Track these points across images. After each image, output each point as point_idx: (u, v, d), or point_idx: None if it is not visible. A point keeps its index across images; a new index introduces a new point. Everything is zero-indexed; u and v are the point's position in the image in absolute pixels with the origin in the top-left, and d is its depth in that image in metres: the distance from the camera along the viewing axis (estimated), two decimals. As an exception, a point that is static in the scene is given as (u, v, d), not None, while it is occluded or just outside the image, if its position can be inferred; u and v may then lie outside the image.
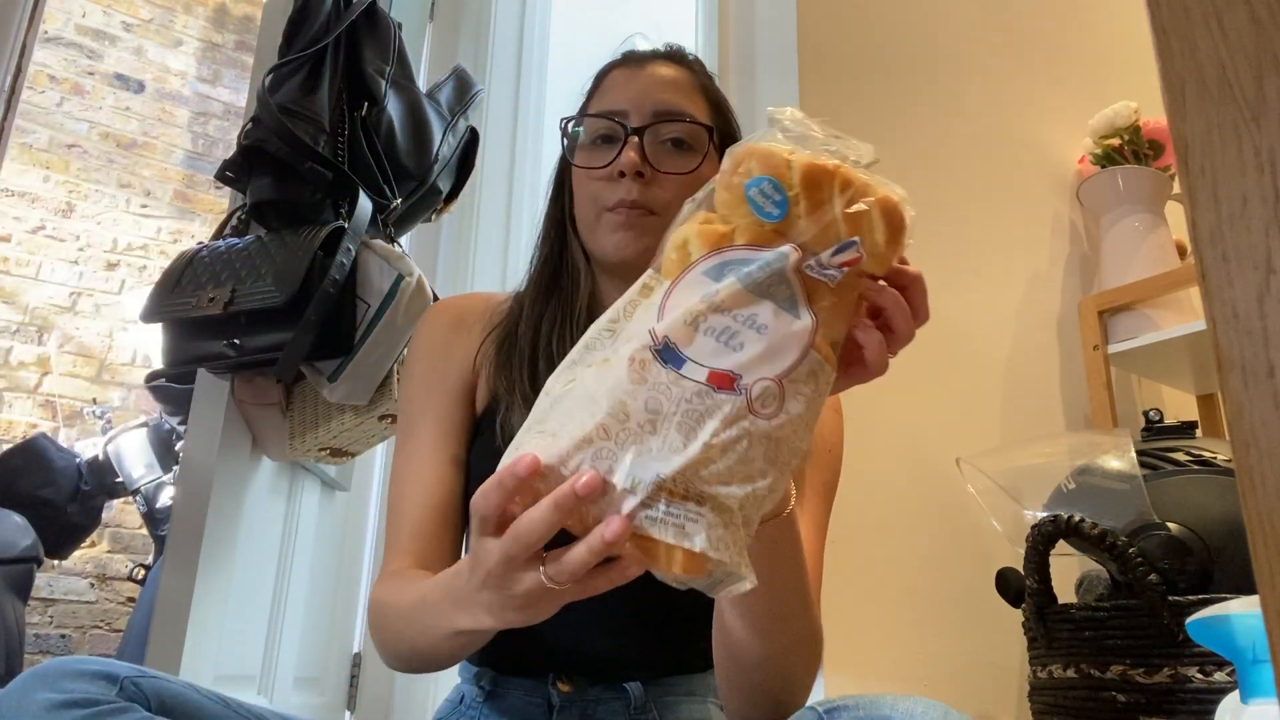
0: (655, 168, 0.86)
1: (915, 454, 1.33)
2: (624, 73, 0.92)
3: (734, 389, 0.48)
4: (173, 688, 0.69)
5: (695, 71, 0.94)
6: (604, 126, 0.89)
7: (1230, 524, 1.04)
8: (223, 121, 3.98)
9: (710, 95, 0.93)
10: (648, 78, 0.90)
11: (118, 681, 0.65)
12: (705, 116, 0.90)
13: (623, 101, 0.89)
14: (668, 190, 0.85)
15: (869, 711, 0.65)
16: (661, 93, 0.89)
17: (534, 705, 0.84)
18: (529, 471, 0.49)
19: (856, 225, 0.52)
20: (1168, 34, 0.37)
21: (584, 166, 0.89)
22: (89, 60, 3.75)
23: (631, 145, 0.86)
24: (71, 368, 3.49)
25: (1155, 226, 1.63)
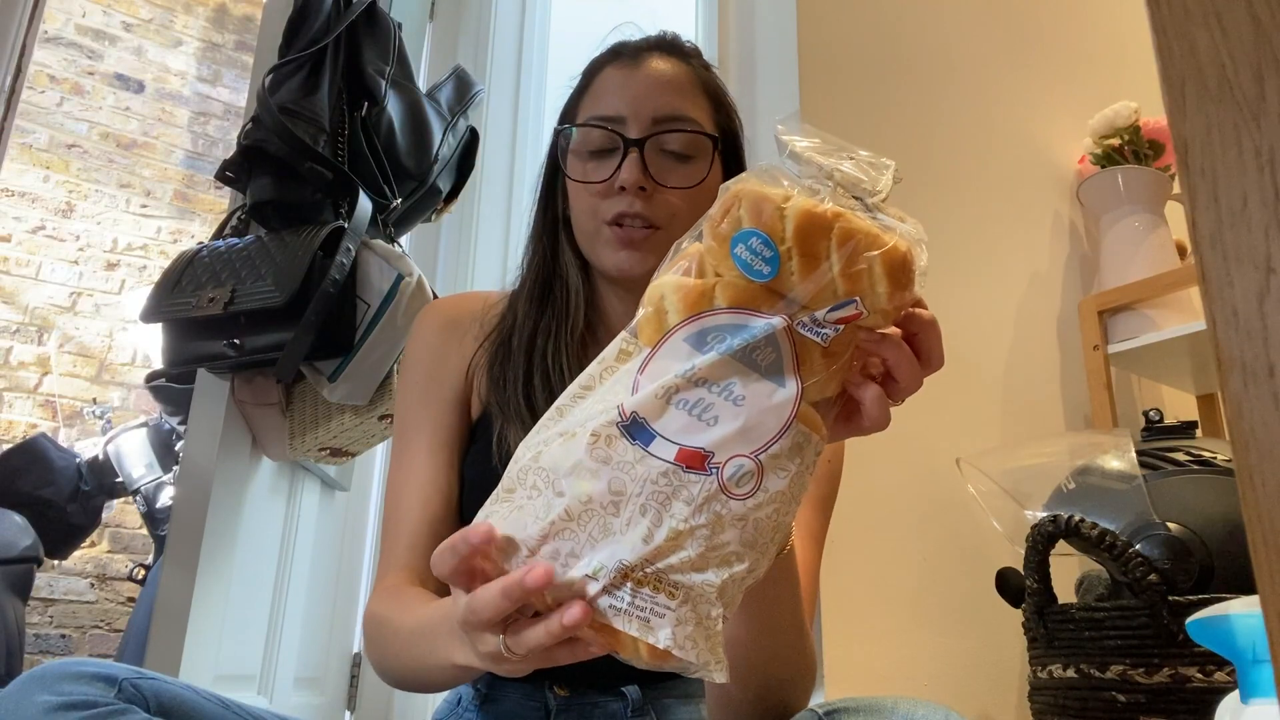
0: (658, 182, 0.82)
1: (915, 454, 1.33)
2: (618, 72, 0.87)
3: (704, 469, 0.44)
4: (171, 689, 0.69)
5: (694, 64, 0.89)
6: (601, 137, 0.84)
7: (1230, 524, 1.03)
8: (223, 121, 3.97)
9: (711, 91, 0.88)
10: (644, 79, 0.85)
11: (116, 683, 0.65)
12: (708, 117, 0.86)
13: (619, 107, 0.84)
14: (672, 203, 0.82)
15: (869, 713, 0.65)
16: (660, 96, 0.84)
17: (531, 708, 0.84)
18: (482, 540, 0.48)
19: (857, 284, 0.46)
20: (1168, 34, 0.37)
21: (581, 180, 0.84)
22: (89, 60, 3.74)
23: (632, 159, 0.81)
24: (71, 368, 3.49)
25: (1155, 226, 1.63)
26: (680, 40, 0.91)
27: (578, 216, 0.86)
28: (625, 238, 0.82)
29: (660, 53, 0.88)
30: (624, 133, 0.83)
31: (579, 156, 0.85)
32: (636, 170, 0.81)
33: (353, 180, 1.29)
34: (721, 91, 0.90)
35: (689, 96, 0.85)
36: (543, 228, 0.91)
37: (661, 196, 0.82)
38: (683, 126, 0.83)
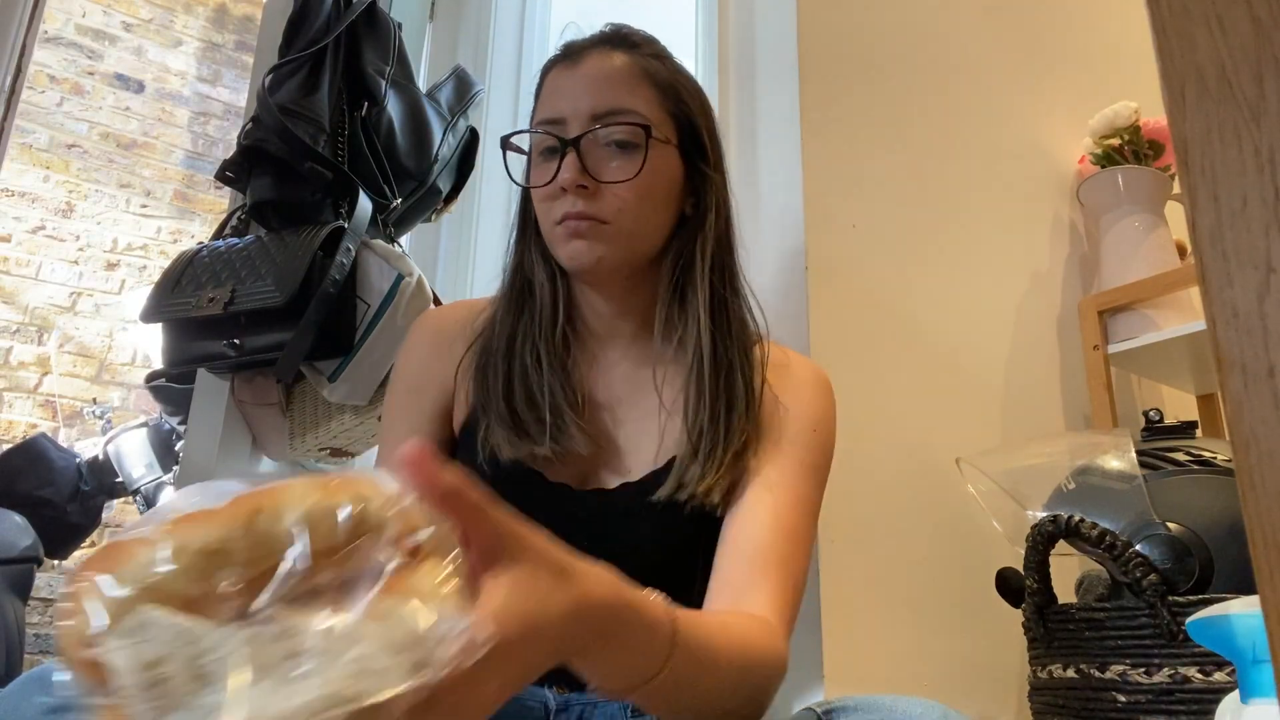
0: (596, 178, 0.82)
1: (915, 454, 1.33)
2: (561, 72, 0.87)
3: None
4: None
5: (638, 55, 0.88)
6: (544, 140, 0.85)
7: (1230, 524, 1.03)
8: (223, 121, 3.97)
9: (659, 79, 0.87)
10: (583, 76, 0.85)
11: None
12: (650, 105, 0.85)
13: (560, 107, 0.85)
14: (617, 196, 0.83)
15: (868, 712, 0.65)
16: (598, 92, 0.84)
17: (531, 708, 0.84)
18: None
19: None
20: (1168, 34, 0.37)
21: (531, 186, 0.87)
22: (89, 60, 3.74)
23: (569, 159, 0.82)
24: (71, 368, 3.49)
25: (1155, 226, 1.63)
26: (625, 31, 0.91)
27: (539, 219, 0.88)
28: (573, 232, 0.83)
29: (603, 48, 0.88)
30: (562, 134, 0.84)
31: (533, 161, 0.88)
32: (572, 169, 0.82)
33: (353, 180, 1.29)
34: (673, 78, 0.89)
35: (629, 88, 0.85)
36: (519, 232, 0.93)
37: (606, 191, 0.83)
38: (616, 119, 0.83)
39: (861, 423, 1.27)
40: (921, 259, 1.43)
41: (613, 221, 0.83)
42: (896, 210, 1.42)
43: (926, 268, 1.43)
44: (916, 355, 1.37)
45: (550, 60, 0.91)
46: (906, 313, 1.38)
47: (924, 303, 1.40)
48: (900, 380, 1.34)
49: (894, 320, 1.36)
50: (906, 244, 1.41)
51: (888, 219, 1.40)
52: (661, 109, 0.86)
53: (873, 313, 1.33)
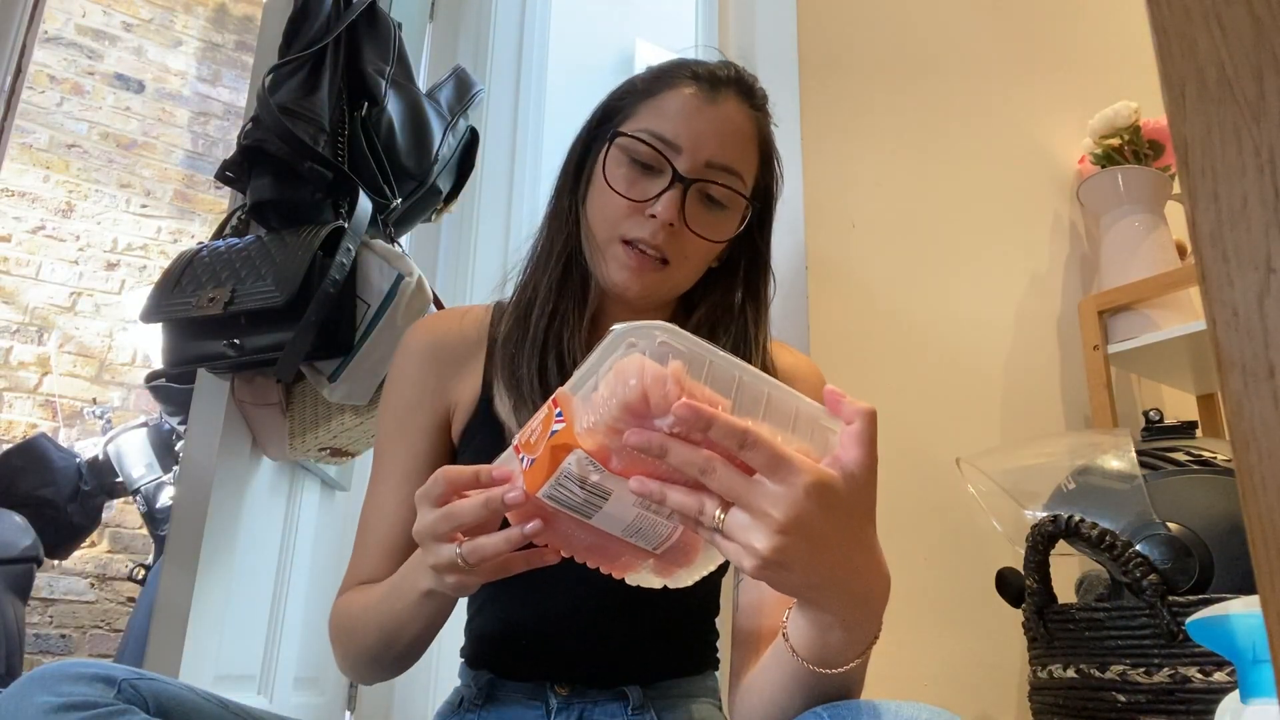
0: (688, 224, 0.82)
1: (915, 454, 1.33)
2: (694, 100, 0.84)
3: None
4: (171, 689, 0.70)
5: (759, 116, 0.88)
6: (650, 155, 0.83)
7: (1230, 524, 1.03)
8: (223, 121, 3.98)
9: (764, 146, 0.89)
10: (714, 118, 0.83)
11: (116, 684, 0.65)
12: (753, 174, 0.87)
13: (681, 136, 0.82)
14: (689, 245, 0.84)
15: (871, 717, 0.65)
16: (724, 143, 0.83)
17: (532, 708, 0.84)
18: (495, 480, 0.60)
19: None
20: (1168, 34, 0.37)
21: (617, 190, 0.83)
22: (89, 60, 3.75)
23: (673, 194, 0.81)
24: (71, 368, 3.49)
25: (1155, 226, 1.63)
26: (756, 85, 0.90)
27: (594, 216, 0.86)
28: (637, 263, 0.83)
29: (740, 97, 0.86)
30: (676, 163, 0.82)
31: (617, 161, 0.85)
32: (674, 207, 0.81)
33: (353, 180, 1.29)
34: (772, 147, 0.91)
35: (746, 149, 0.86)
36: (567, 210, 0.90)
37: (684, 236, 0.83)
38: (730, 182, 0.84)
39: (861, 423, 1.27)
40: (921, 259, 1.43)
41: (674, 264, 0.84)
42: (896, 210, 1.42)
43: (926, 267, 1.43)
44: (916, 355, 1.37)
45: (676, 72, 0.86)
46: (906, 312, 1.38)
47: (924, 302, 1.40)
48: (900, 380, 1.34)
49: (894, 320, 1.36)
50: (906, 244, 1.41)
51: (888, 219, 1.40)
52: (756, 175, 0.88)
53: (872, 312, 1.33)
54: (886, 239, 1.38)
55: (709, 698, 0.90)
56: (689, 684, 0.88)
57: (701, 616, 0.92)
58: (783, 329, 1.26)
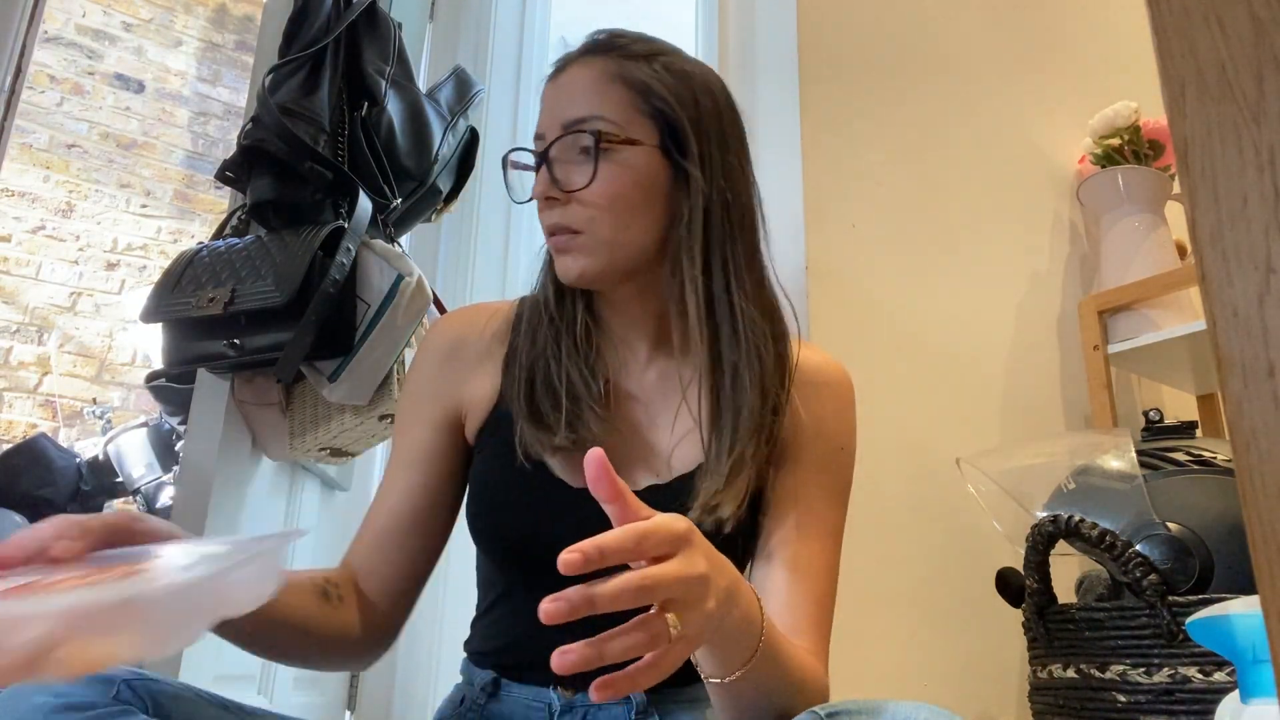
0: (563, 189, 0.82)
1: (915, 454, 1.33)
2: (546, 87, 0.87)
3: None
4: (170, 689, 0.69)
5: (615, 55, 0.85)
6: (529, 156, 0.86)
7: (1230, 524, 1.03)
8: (223, 121, 3.98)
9: (630, 78, 0.84)
10: (559, 89, 0.85)
11: (114, 684, 0.65)
12: (620, 107, 0.83)
13: (541, 122, 0.85)
14: (585, 205, 0.82)
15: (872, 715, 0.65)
16: (569, 102, 0.83)
17: (535, 709, 0.84)
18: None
19: None
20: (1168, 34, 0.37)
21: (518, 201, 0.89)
22: (89, 60, 3.75)
23: (540, 174, 0.83)
24: (71, 368, 3.49)
25: (1155, 226, 1.63)
26: (610, 35, 0.88)
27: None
28: (556, 246, 0.84)
29: (585, 57, 0.86)
30: (540, 147, 0.84)
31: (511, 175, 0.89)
32: (542, 183, 0.83)
33: (353, 180, 1.29)
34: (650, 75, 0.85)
35: (597, 93, 0.83)
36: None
37: (573, 201, 0.82)
38: (576, 128, 0.82)
39: (861, 423, 1.27)
40: (921, 259, 1.43)
41: (585, 231, 0.82)
42: (896, 210, 1.42)
43: (926, 267, 1.43)
44: (916, 355, 1.37)
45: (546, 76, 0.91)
46: (906, 312, 1.38)
47: (924, 302, 1.40)
48: (900, 380, 1.34)
49: (894, 320, 1.36)
50: (906, 244, 1.41)
51: (888, 219, 1.40)
52: (634, 109, 0.83)
53: (872, 312, 1.33)
54: (886, 239, 1.38)
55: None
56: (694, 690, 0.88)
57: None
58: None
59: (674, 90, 0.84)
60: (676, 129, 0.84)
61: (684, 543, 0.55)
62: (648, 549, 0.53)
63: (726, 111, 0.88)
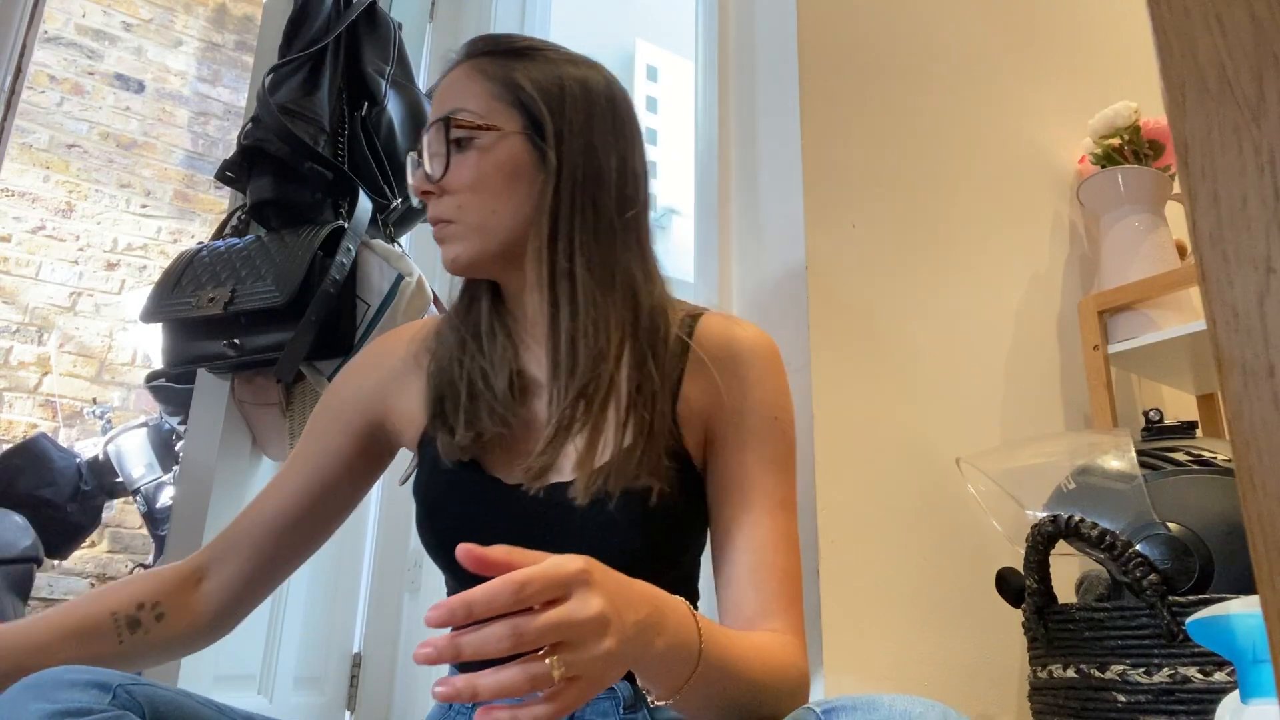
0: (432, 180, 0.87)
1: (915, 454, 1.33)
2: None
3: None
4: (166, 694, 0.70)
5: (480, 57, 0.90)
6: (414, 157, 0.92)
7: (1230, 524, 1.03)
8: (223, 121, 3.98)
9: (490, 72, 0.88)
10: (438, 94, 0.91)
11: (110, 689, 0.65)
12: (482, 99, 0.87)
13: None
14: (454, 196, 0.86)
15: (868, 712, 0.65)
16: (440, 103, 0.89)
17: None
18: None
19: None
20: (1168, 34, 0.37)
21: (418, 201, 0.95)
22: (89, 60, 3.75)
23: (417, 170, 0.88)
24: (71, 368, 3.49)
25: (1155, 226, 1.63)
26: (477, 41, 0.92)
27: None
28: (436, 237, 0.88)
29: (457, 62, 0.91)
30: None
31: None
32: (418, 178, 0.88)
33: (353, 180, 1.29)
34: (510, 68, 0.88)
35: (460, 90, 0.88)
36: None
37: (445, 192, 0.87)
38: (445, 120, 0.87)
39: (861, 422, 1.27)
40: (921, 259, 1.43)
41: (457, 219, 0.86)
42: (896, 210, 1.42)
43: (926, 267, 1.43)
44: (916, 354, 1.37)
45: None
46: (906, 312, 1.38)
47: (924, 302, 1.40)
48: (900, 380, 1.34)
49: (894, 320, 1.36)
50: (906, 244, 1.41)
51: (888, 219, 1.40)
52: (496, 100, 0.87)
53: (872, 312, 1.33)
54: (887, 239, 1.39)
55: None
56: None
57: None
58: (783, 329, 1.26)
59: (536, 80, 0.88)
60: (536, 114, 0.87)
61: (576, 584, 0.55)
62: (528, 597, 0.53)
63: (598, 99, 0.90)
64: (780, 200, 1.32)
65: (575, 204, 0.86)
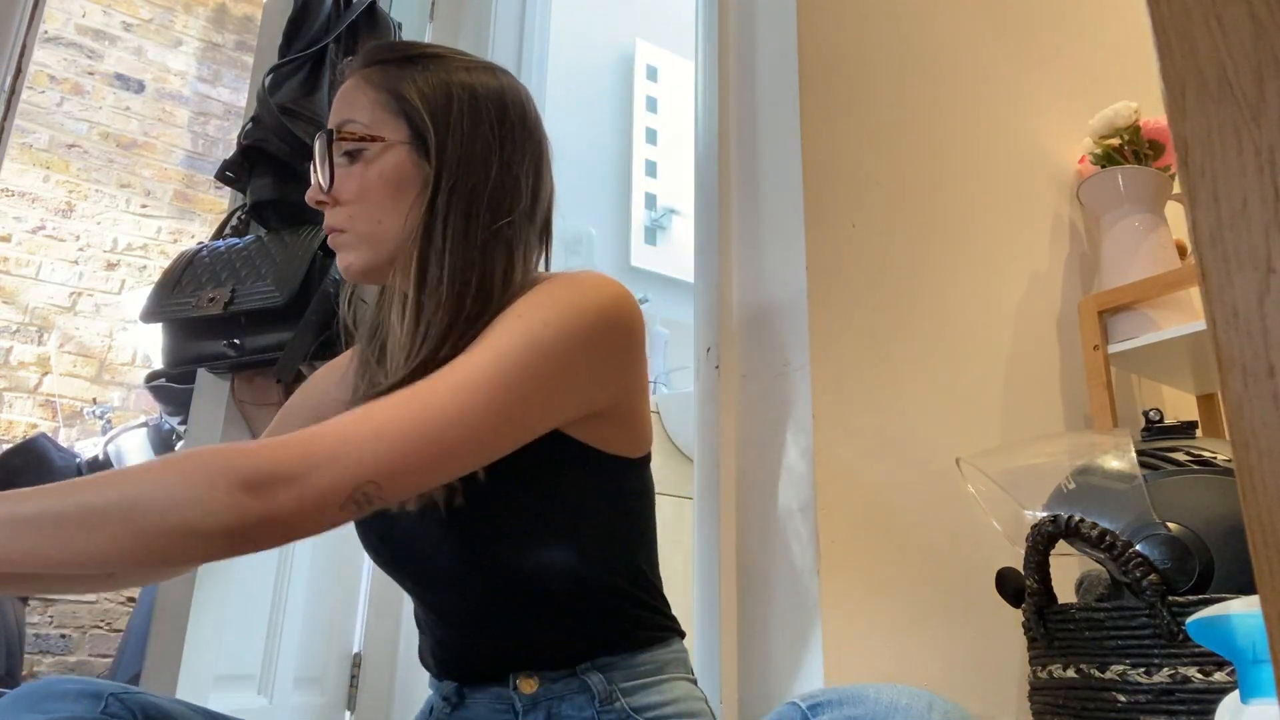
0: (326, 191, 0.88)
1: (915, 454, 1.33)
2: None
3: None
4: (158, 703, 0.70)
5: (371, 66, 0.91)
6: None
7: (1230, 524, 1.03)
8: (223, 121, 3.97)
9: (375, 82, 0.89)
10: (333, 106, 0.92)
11: (103, 699, 0.65)
12: (369, 110, 0.88)
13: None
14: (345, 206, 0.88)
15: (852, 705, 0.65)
16: (332, 115, 0.91)
17: (499, 711, 0.84)
18: None
19: None
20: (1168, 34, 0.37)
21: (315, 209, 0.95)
22: (89, 60, 3.74)
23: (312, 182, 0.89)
24: (71, 368, 3.49)
25: (1155, 226, 1.63)
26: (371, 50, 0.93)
27: None
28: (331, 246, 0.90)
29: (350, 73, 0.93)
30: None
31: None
32: (312, 189, 0.89)
33: (353, 180, 1.29)
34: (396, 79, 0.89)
35: (347, 103, 0.90)
36: None
37: (336, 202, 0.88)
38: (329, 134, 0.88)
39: (862, 423, 1.27)
40: (921, 259, 1.43)
41: (347, 229, 0.88)
42: (896, 210, 1.42)
43: (926, 267, 1.43)
44: (916, 355, 1.37)
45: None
46: (906, 312, 1.38)
47: (924, 303, 1.40)
48: (900, 380, 1.34)
49: (893, 320, 1.36)
50: (906, 244, 1.41)
51: (888, 219, 1.40)
52: (384, 110, 0.88)
53: (872, 312, 1.33)
54: (887, 238, 1.38)
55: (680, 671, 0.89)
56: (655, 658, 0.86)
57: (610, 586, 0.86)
58: (783, 329, 1.26)
59: (422, 90, 0.88)
60: (418, 124, 0.88)
61: None
62: None
63: (485, 107, 0.89)
64: (780, 200, 1.32)
65: (448, 215, 0.85)
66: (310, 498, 0.62)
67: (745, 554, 1.25)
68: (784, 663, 1.15)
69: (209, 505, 0.60)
